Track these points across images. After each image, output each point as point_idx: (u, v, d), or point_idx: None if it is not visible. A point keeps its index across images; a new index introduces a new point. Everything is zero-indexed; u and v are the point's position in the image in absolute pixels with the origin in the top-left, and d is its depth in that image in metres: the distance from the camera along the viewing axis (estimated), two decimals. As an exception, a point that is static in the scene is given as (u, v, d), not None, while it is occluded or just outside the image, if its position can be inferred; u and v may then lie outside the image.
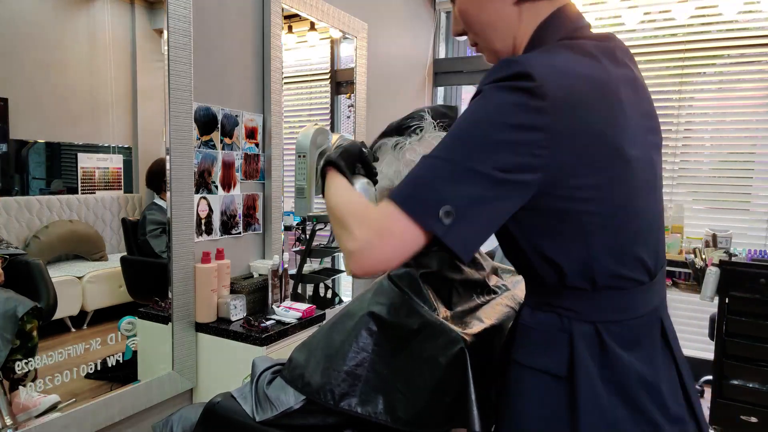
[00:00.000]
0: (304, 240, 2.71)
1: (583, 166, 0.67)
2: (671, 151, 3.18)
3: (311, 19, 2.41)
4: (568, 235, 0.70)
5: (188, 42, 1.74)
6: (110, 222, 1.65)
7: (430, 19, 3.75)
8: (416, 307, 0.94)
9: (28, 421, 1.40)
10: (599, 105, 0.68)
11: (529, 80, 0.63)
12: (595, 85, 0.68)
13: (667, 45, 3.14)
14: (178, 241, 1.75)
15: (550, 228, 0.70)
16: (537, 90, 0.63)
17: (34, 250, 1.45)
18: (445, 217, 0.62)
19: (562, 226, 0.69)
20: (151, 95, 1.72)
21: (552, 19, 0.75)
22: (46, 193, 1.50)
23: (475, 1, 0.78)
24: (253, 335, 1.71)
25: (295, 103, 2.71)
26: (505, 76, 0.65)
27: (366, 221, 0.67)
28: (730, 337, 2.43)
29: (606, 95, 0.69)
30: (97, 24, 1.58)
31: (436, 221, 0.63)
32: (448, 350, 0.88)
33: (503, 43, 0.78)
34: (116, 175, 1.65)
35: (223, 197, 1.98)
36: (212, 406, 1.08)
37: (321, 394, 0.93)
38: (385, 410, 0.91)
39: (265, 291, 1.97)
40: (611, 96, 0.69)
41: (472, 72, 3.80)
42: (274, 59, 2.13)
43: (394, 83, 3.26)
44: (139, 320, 1.73)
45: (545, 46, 0.73)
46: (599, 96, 0.68)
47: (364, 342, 0.95)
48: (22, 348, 1.40)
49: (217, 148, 1.94)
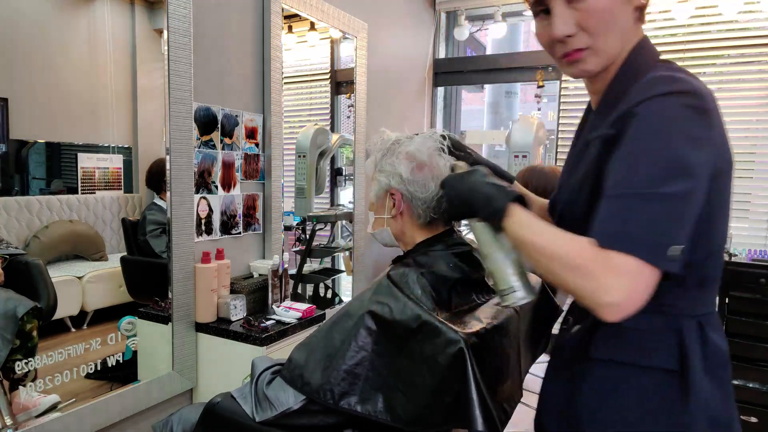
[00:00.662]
0: (304, 240, 2.71)
1: (721, 174, 0.74)
2: (671, 151, 3.18)
3: (311, 19, 2.41)
4: (700, 235, 0.73)
5: (188, 42, 1.74)
6: (110, 222, 1.65)
7: (430, 19, 3.75)
8: (415, 306, 0.94)
9: (28, 421, 1.40)
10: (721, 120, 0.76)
11: (698, 98, 0.70)
12: (716, 104, 0.75)
13: (667, 45, 3.14)
14: (178, 241, 1.75)
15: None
16: (705, 106, 0.70)
17: (34, 250, 1.45)
18: (675, 254, 0.67)
19: (700, 227, 0.73)
20: (151, 95, 1.72)
21: (647, 42, 0.82)
22: (46, 193, 1.50)
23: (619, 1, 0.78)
24: (253, 335, 1.72)
25: (295, 103, 2.71)
26: (677, 91, 0.70)
27: (606, 267, 0.67)
28: (730, 337, 2.42)
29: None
30: (97, 24, 1.58)
31: (671, 262, 0.67)
32: (447, 350, 0.88)
33: (617, 50, 0.81)
34: (116, 175, 1.65)
35: (223, 197, 1.98)
36: (212, 407, 1.08)
37: (321, 393, 0.94)
38: (384, 409, 0.91)
39: (265, 291, 1.97)
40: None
41: (472, 72, 3.80)
42: (274, 59, 2.13)
43: (394, 83, 3.26)
44: (139, 320, 1.73)
45: (663, 66, 0.79)
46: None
47: (363, 341, 0.95)
48: (22, 348, 1.41)
49: (217, 148, 1.94)
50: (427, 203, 1.08)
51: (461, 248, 1.10)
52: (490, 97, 4.72)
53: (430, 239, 1.10)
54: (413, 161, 1.07)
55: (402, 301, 0.96)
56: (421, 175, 1.06)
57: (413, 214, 1.09)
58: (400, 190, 1.08)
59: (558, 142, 3.45)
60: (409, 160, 1.07)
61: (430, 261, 1.06)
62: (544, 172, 2.29)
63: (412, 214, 1.10)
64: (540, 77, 3.52)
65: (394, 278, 1.01)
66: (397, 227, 1.12)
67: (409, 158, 1.07)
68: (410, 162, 1.07)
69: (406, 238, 1.12)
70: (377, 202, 1.14)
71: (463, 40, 3.83)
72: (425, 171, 1.06)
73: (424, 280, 1.02)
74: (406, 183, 1.07)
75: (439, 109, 3.99)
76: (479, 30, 4.26)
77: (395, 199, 1.09)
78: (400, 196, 1.09)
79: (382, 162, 1.11)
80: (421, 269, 1.04)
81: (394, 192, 1.09)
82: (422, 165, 1.06)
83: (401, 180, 1.07)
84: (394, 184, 1.08)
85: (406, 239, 1.13)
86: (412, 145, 1.08)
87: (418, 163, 1.07)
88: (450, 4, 3.74)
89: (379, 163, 1.12)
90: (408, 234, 1.12)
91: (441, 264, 1.05)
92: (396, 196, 1.09)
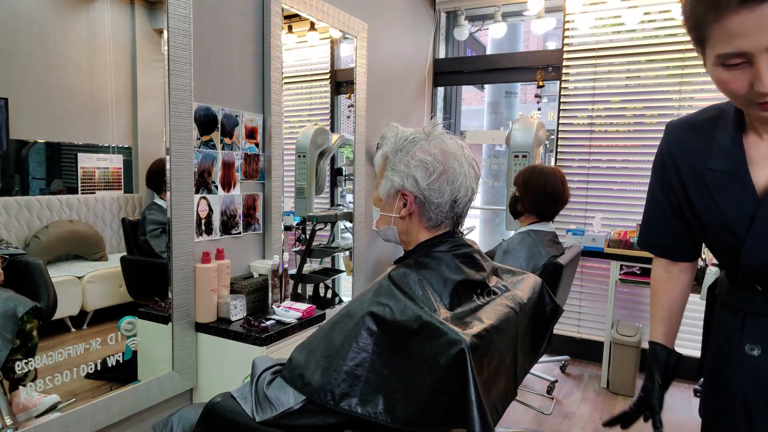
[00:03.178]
0: (304, 240, 2.71)
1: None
2: (671, 151, 3.18)
3: (311, 19, 2.41)
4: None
5: (188, 42, 1.74)
6: (110, 222, 1.65)
7: (430, 19, 3.75)
8: (416, 307, 0.94)
9: (28, 421, 1.40)
10: None
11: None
12: None
13: (667, 45, 3.14)
14: (178, 241, 1.75)
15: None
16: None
17: (34, 250, 1.45)
18: None
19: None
20: (151, 95, 1.72)
21: None
22: (46, 193, 1.50)
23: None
24: (253, 335, 1.71)
25: (295, 103, 2.71)
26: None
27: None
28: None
29: None
30: (97, 24, 1.58)
31: None
32: (448, 351, 0.87)
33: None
34: (116, 175, 1.65)
35: (223, 197, 1.98)
36: (212, 407, 1.08)
37: (321, 394, 0.93)
38: (385, 410, 0.91)
39: (265, 291, 1.97)
40: None
41: (472, 72, 3.80)
42: (274, 59, 2.13)
43: (394, 83, 3.26)
44: (139, 320, 1.73)
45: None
46: None
47: (364, 342, 0.95)
48: (22, 348, 1.40)
49: (217, 148, 1.94)
50: (440, 207, 1.07)
51: (463, 249, 1.10)
52: (490, 97, 4.71)
53: (433, 239, 1.10)
54: (431, 168, 1.05)
55: (403, 302, 0.95)
56: (438, 182, 1.05)
57: (423, 216, 1.09)
58: (414, 193, 1.07)
59: (558, 142, 3.45)
60: (427, 166, 1.05)
61: (431, 262, 1.06)
62: (544, 172, 2.29)
63: (422, 216, 1.09)
64: (540, 77, 3.52)
65: (395, 279, 1.01)
66: (403, 227, 1.11)
67: (426, 164, 1.05)
68: (427, 168, 1.05)
69: (410, 238, 1.12)
70: (386, 200, 1.12)
71: (463, 40, 3.83)
72: (442, 177, 1.06)
73: (425, 280, 1.01)
74: (421, 188, 1.05)
75: (439, 109, 3.99)
76: (479, 30, 4.26)
77: (407, 200, 1.08)
78: (413, 199, 1.07)
79: (394, 160, 1.09)
80: (422, 270, 1.04)
81: (407, 194, 1.07)
82: (441, 172, 1.05)
83: (416, 184, 1.06)
84: (408, 186, 1.06)
85: (409, 239, 1.12)
86: (430, 150, 1.06)
87: (436, 169, 1.05)
88: (450, 4, 3.74)
89: (391, 160, 1.10)
90: (413, 234, 1.11)
91: (443, 265, 1.05)
92: (408, 198, 1.07)
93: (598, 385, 3.11)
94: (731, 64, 0.78)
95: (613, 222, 3.35)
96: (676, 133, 1.01)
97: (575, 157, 3.43)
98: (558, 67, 3.43)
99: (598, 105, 3.34)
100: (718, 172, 0.91)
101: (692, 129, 0.99)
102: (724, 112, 0.95)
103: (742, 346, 0.93)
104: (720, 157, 0.91)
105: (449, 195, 1.06)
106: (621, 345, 2.98)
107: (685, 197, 0.98)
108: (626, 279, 3.04)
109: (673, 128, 1.03)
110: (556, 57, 3.44)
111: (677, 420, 2.68)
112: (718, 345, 0.99)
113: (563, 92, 3.41)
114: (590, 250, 3.08)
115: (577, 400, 2.90)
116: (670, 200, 1.03)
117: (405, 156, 1.08)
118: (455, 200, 1.07)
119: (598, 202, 3.39)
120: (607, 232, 3.20)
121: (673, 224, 1.05)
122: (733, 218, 0.89)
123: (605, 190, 3.37)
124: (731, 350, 0.95)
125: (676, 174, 0.99)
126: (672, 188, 1.01)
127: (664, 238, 1.09)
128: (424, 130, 1.11)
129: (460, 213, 1.11)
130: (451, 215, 1.09)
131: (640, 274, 3.03)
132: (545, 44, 9.38)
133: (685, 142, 0.99)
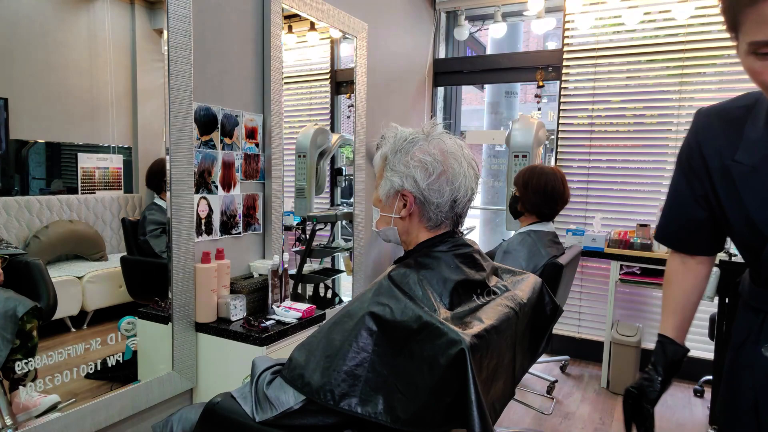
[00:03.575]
0: (304, 240, 2.71)
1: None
2: (671, 151, 3.18)
3: (311, 19, 2.41)
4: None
5: (188, 42, 1.74)
6: (110, 222, 1.65)
7: (430, 19, 3.75)
8: (416, 307, 0.94)
9: (28, 421, 1.40)
10: None
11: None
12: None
13: (667, 45, 3.14)
14: (178, 241, 1.75)
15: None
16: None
17: (34, 250, 1.44)
18: None
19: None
20: (151, 95, 1.72)
21: None
22: (46, 193, 1.50)
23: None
24: (253, 335, 1.71)
25: (295, 103, 2.71)
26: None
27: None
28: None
29: None
30: (97, 24, 1.58)
31: None
32: (448, 351, 0.87)
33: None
34: (116, 175, 1.65)
35: (223, 197, 1.98)
36: (212, 407, 1.08)
37: (321, 394, 0.93)
38: (385, 410, 0.91)
39: (265, 291, 1.97)
40: None
41: (472, 72, 3.80)
42: (274, 59, 2.13)
43: (394, 83, 3.26)
44: (139, 320, 1.73)
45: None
46: None
47: (364, 342, 0.95)
48: (22, 348, 1.40)
49: (217, 148, 1.94)
50: (440, 207, 1.07)
51: (463, 249, 1.10)
52: (490, 97, 4.71)
53: (433, 239, 1.10)
54: (431, 168, 1.05)
55: (403, 302, 0.95)
56: (438, 182, 1.06)
57: (423, 217, 1.09)
58: (414, 193, 1.07)
59: (558, 142, 3.45)
60: (426, 166, 1.05)
61: (431, 262, 1.06)
62: (545, 172, 2.29)
63: (422, 216, 1.09)
64: (540, 77, 3.52)
65: (395, 279, 1.01)
66: (403, 227, 1.11)
67: (425, 165, 1.05)
68: (427, 169, 1.05)
69: (410, 238, 1.12)
70: (386, 200, 1.12)
71: (463, 40, 3.83)
72: (442, 178, 1.06)
73: (425, 280, 1.01)
74: (421, 188, 1.06)
75: (439, 109, 3.99)
76: (479, 30, 4.26)
77: (407, 200, 1.08)
78: (413, 199, 1.08)
79: (393, 160, 1.09)
80: (422, 270, 1.04)
81: (407, 194, 1.08)
82: (441, 173, 1.05)
83: (416, 184, 1.06)
84: (408, 186, 1.07)
85: (410, 239, 1.12)
86: (429, 150, 1.07)
87: (436, 170, 1.05)
88: (450, 4, 3.74)
89: (390, 161, 1.10)
90: (413, 234, 1.11)
91: (442, 265, 1.05)
92: (408, 198, 1.08)
93: (598, 385, 3.11)
94: (765, 53, 0.73)
95: (613, 222, 3.35)
96: (706, 122, 0.97)
97: (575, 157, 3.43)
98: (558, 67, 3.43)
99: (598, 105, 3.34)
100: (745, 165, 0.87)
101: (722, 118, 0.95)
102: (759, 102, 0.91)
103: (759, 347, 0.89)
104: (748, 149, 0.88)
105: (449, 195, 1.06)
106: (621, 345, 2.98)
107: (711, 185, 0.94)
108: (626, 279, 3.04)
109: (702, 116, 0.99)
110: (556, 57, 3.44)
111: (677, 420, 2.68)
112: (736, 345, 0.96)
113: (563, 92, 3.41)
114: (590, 250, 3.08)
115: (577, 400, 2.90)
116: (693, 190, 0.99)
117: (404, 156, 1.08)
118: (455, 200, 1.07)
119: (598, 202, 3.39)
120: (607, 232, 3.20)
121: (694, 216, 1.00)
122: (757, 213, 0.85)
123: (605, 190, 3.37)
124: (748, 350, 0.92)
125: (702, 162, 0.95)
126: (698, 177, 0.97)
127: (683, 232, 1.05)
128: (423, 130, 1.11)
129: (460, 213, 1.11)
130: (451, 215, 1.09)
131: (640, 274, 3.04)
132: (545, 44, 9.39)
133: (713, 130, 0.95)
